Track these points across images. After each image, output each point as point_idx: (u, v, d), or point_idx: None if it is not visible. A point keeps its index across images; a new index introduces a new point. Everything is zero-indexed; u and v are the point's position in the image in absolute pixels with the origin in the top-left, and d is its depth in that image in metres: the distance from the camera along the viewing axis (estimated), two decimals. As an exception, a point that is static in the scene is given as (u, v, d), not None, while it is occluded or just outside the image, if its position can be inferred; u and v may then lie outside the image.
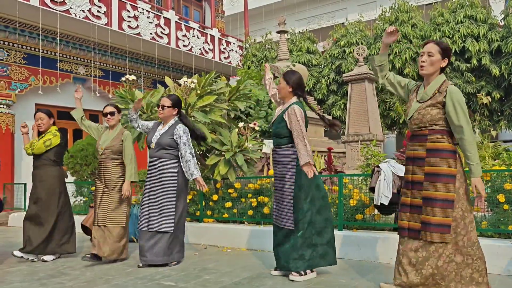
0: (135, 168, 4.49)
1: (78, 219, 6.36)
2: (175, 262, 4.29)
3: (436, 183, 2.77)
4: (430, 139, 2.82)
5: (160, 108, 4.30)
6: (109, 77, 10.90)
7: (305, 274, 3.55)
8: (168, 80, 5.89)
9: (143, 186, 4.56)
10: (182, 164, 4.26)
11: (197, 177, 4.16)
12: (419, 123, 2.86)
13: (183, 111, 5.28)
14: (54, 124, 4.92)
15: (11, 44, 9.07)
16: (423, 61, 2.86)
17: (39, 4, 8.57)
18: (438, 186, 2.76)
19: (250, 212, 5.22)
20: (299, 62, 11.99)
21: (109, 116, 4.59)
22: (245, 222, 5.37)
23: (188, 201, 6.06)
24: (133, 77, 5.34)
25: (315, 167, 3.52)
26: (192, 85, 5.10)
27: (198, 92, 5.30)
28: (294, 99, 3.69)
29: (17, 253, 4.71)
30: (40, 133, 4.82)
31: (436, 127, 2.81)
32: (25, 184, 8.88)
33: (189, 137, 4.32)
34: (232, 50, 13.76)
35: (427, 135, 2.83)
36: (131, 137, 4.59)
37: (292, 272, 3.54)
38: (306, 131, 3.60)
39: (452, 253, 2.74)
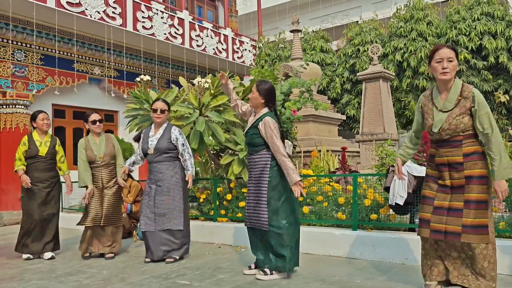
0: None
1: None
2: (184, 256, 4.49)
3: (474, 185, 2.81)
4: (465, 144, 2.85)
5: (159, 113, 4.42)
6: (124, 78, 11.02)
7: (271, 274, 3.61)
8: (182, 80, 5.92)
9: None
10: (182, 162, 4.48)
11: (190, 173, 4.40)
12: (452, 133, 2.86)
13: (198, 111, 5.32)
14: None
15: (28, 45, 9.23)
16: (446, 67, 2.83)
17: (55, 6, 8.69)
18: (475, 188, 2.81)
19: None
20: (312, 61, 11.94)
21: (98, 123, 4.76)
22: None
23: (201, 200, 6.10)
24: (147, 77, 5.38)
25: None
26: (206, 85, 5.12)
27: (212, 92, 5.32)
28: (266, 109, 3.73)
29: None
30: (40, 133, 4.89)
31: (469, 132, 2.85)
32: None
33: (185, 137, 4.55)
34: (246, 49, 13.78)
35: (461, 141, 2.85)
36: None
37: (260, 271, 3.64)
38: (283, 141, 3.64)
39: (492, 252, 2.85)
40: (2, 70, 8.82)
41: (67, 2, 8.87)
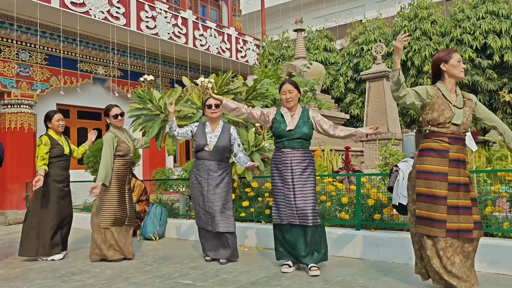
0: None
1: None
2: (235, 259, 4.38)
3: (471, 183, 3.05)
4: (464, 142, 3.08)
5: (214, 108, 4.32)
6: (128, 77, 11.05)
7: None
8: (185, 80, 5.93)
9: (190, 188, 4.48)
10: (235, 161, 4.41)
11: (250, 163, 4.29)
12: (467, 128, 3.03)
13: (201, 111, 5.32)
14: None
15: (32, 45, 9.27)
16: (464, 68, 3.10)
17: (59, 6, 8.73)
18: (471, 186, 3.04)
19: (267, 212, 5.22)
20: (316, 60, 11.92)
21: (119, 117, 4.64)
22: (262, 221, 5.37)
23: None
24: (151, 77, 5.39)
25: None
26: (209, 85, 5.12)
27: (215, 91, 5.32)
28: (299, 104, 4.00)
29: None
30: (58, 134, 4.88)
31: (468, 131, 3.09)
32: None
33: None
34: (249, 49, 13.77)
35: (464, 139, 3.06)
36: None
37: (312, 268, 3.71)
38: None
39: None
40: (7, 70, 8.87)
41: (71, 2, 8.90)
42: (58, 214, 4.72)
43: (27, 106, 9.21)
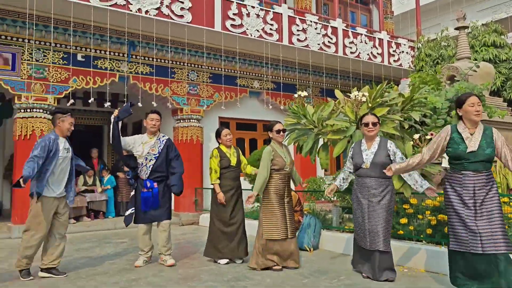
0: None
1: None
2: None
3: None
4: None
5: (371, 126, 4.27)
6: (280, 89, 11.57)
7: None
8: (338, 93, 5.93)
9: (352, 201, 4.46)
10: (405, 178, 4.22)
11: (430, 186, 4.07)
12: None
13: (355, 124, 5.26)
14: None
15: (200, 66, 10.46)
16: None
17: (221, 29, 9.66)
18: None
19: (429, 231, 4.85)
20: (483, 60, 10.64)
21: (281, 133, 4.92)
22: (423, 241, 5.02)
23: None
24: (305, 93, 5.56)
25: None
26: (363, 99, 5.03)
27: (369, 105, 5.20)
28: None
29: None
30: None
31: None
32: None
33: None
34: (403, 51, 13.05)
35: None
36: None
37: None
38: None
39: None
40: (179, 89, 10.17)
41: (231, 25, 9.75)
42: (226, 221, 5.16)
43: (195, 121, 10.40)
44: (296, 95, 5.67)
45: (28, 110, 8.15)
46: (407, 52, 13.14)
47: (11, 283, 4.44)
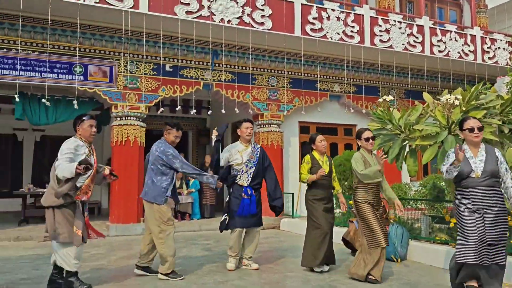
0: None
1: (338, 232, 6.67)
2: None
3: None
4: None
5: (477, 131, 3.96)
6: (362, 92, 11.25)
7: None
8: (426, 96, 5.61)
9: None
10: (503, 190, 3.92)
11: None
12: None
13: (446, 129, 4.94)
14: None
15: (280, 71, 10.55)
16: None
17: (301, 34, 9.66)
18: None
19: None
20: None
21: (370, 140, 4.75)
22: (527, 257, 4.54)
23: (452, 224, 5.61)
24: (390, 97, 5.35)
25: None
26: (456, 102, 4.71)
27: (463, 108, 4.85)
28: None
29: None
30: None
31: None
32: (292, 194, 10.12)
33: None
34: (499, 48, 11.98)
35: None
36: None
37: None
38: None
39: None
40: (260, 95, 10.35)
41: (311, 29, 9.71)
42: (323, 229, 5.05)
43: (276, 126, 10.49)
44: (380, 100, 5.47)
45: (124, 118, 8.84)
46: (504, 48, 12.06)
47: (123, 281, 4.83)
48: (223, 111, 9.25)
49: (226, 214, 5.32)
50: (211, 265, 5.58)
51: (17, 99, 7.56)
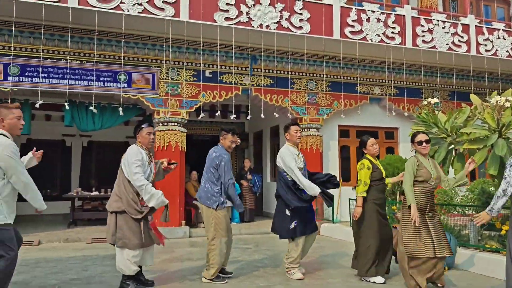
0: None
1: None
2: None
3: None
4: None
5: None
6: (404, 94, 10.97)
7: None
8: (474, 98, 5.40)
9: None
10: None
11: None
12: None
13: (497, 133, 4.73)
14: None
15: (318, 75, 10.48)
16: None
17: (340, 37, 9.55)
18: None
19: None
20: None
21: (424, 144, 4.51)
22: None
23: (503, 232, 5.35)
24: (435, 100, 5.19)
25: None
26: (507, 104, 4.50)
27: (515, 110, 4.63)
28: None
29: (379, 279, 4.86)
30: None
31: None
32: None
33: None
34: (551, 45, 11.35)
35: None
36: None
37: None
38: None
39: None
40: (299, 99, 10.31)
41: (350, 32, 9.58)
42: (379, 236, 4.88)
43: (315, 129, 10.41)
44: (425, 102, 5.31)
45: (165, 124, 9.07)
46: (557, 46, 11.39)
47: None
48: (262, 115, 9.29)
49: (295, 221, 4.97)
50: (253, 269, 5.60)
51: (67, 107, 7.94)
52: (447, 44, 10.34)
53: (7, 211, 3.48)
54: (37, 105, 7.61)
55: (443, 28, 10.35)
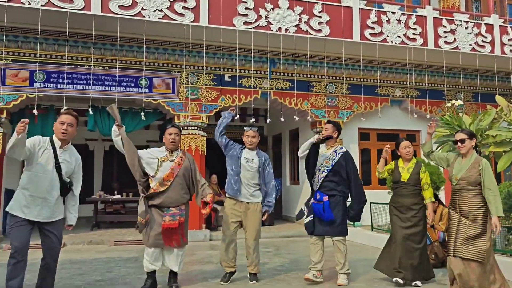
0: (499, 201, 3.98)
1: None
2: None
3: None
4: None
5: None
6: (425, 96, 10.79)
7: None
8: (500, 100, 5.28)
9: None
10: None
11: None
12: None
13: (523, 135, 4.61)
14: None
15: (338, 78, 10.41)
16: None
17: (360, 39, 9.48)
18: None
19: None
20: None
21: (459, 144, 4.24)
22: None
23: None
24: (459, 102, 5.11)
25: None
26: (535, 105, 4.38)
27: (543, 111, 4.51)
28: None
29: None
30: None
31: None
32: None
33: None
34: None
35: None
36: (490, 167, 4.08)
37: None
38: None
39: None
40: (318, 102, 10.27)
41: (370, 34, 9.50)
42: (395, 239, 4.86)
43: (335, 132, 10.34)
44: (448, 104, 5.22)
45: (185, 128, 9.15)
46: None
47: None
48: (282, 119, 9.28)
49: (311, 216, 4.97)
50: (273, 272, 5.58)
51: (90, 112, 8.10)
52: (470, 45, 10.14)
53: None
54: (62, 111, 7.77)
55: (466, 28, 10.16)
